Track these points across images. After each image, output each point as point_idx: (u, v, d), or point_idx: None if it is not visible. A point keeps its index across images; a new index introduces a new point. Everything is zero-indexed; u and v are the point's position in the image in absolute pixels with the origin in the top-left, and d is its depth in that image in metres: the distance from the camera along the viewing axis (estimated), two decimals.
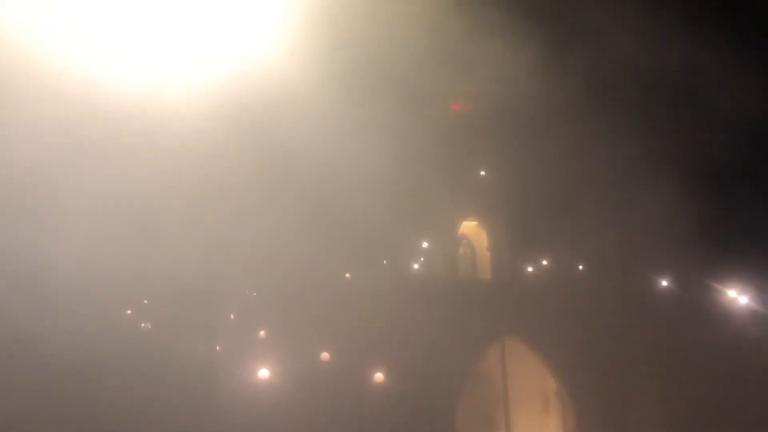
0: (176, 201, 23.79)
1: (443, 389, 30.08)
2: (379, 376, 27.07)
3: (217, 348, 25.43)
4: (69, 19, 19.95)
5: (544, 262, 33.15)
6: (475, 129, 34.05)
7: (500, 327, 32.22)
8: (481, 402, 32.83)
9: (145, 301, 25.01)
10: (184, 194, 24.43)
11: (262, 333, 26.57)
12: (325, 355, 26.46)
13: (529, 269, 33.19)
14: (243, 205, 25.58)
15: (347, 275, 30.32)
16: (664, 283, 32.74)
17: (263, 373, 23.99)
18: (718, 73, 32.55)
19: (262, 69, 22.89)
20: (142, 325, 25.46)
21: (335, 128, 27.67)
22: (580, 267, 32.99)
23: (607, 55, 32.01)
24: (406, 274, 31.48)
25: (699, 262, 32.09)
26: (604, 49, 31.98)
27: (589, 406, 31.69)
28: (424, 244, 32.31)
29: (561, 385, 32.26)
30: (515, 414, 32.35)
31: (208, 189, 25.10)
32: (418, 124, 32.00)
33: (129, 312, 25.32)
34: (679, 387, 31.20)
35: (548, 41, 29.44)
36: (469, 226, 34.39)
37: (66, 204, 21.47)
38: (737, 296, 30.16)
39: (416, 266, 31.87)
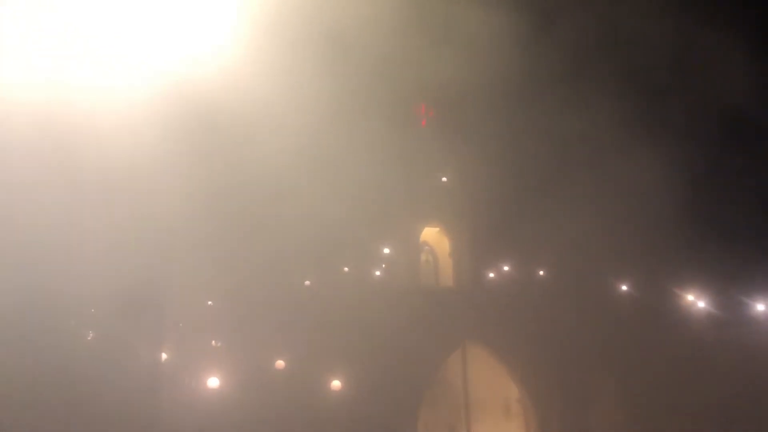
0: (121, 209, 23.08)
1: (404, 398, 29.70)
2: (337, 385, 26.52)
3: (167, 357, 24.62)
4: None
5: (506, 268, 32.90)
6: (436, 134, 33.74)
7: (462, 334, 31.99)
8: (443, 410, 32.54)
9: (92, 310, 24.17)
10: (130, 201, 23.76)
11: (215, 342, 25.91)
12: (280, 364, 25.84)
13: (491, 275, 32.93)
14: (194, 209, 24.85)
15: (306, 282, 29.78)
16: (627, 287, 32.67)
17: (215, 382, 23.24)
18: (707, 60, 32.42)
19: (212, 70, 22.32)
20: (89, 335, 24.59)
21: (293, 131, 27.22)
22: (542, 272, 32.79)
23: (575, 49, 31.98)
24: (366, 281, 30.98)
25: (661, 264, 32.14)
26: (573, 45, 31.95)
27: (551, 413, 31.53)
28: (386, 251, 31.88)
29: (523, 392, 32.06)
30: (477, 421, 32.12)
31: (154, 195, 24.37)
32: (379, 128, 31.66)
33: (73, 322, 24.44)
34: (642, 393, 31.24)
35: (513, 39, 29.11)
36: (430, 232, 34.07)
37: None
38: (698, 300, 30.32)
39: (377, 273, 31.40)
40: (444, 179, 33.99)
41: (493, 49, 29.12)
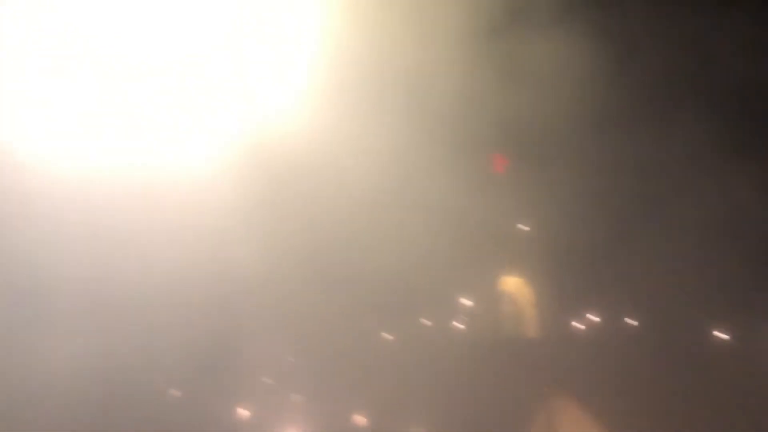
0: (201, 270, 23.21)
1: None
2: None
3: (247, 413, 24.36)
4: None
5: (594, 317, 31.42)
6: (514, 179, 32.93)
7: (548, 388, 30.53)
8: None
9: (174, 367, 24.25)
10: (211, 262, 23.92)
11: (295, 397, 25.53)
12: (361, 420, 25.15)
13: (578, 325, 31.49)
14: (270, 266, 24.85)
15: (383, 335, 29.17)
16: (729, 334, 30.60)
17: None
18: None
19: (285, 129, 22.50)
20: (171, 391, 24.63)
21: (368, 183, 27.02)
22: (633, 321, 31.12)
23: (661, 77, 30.80)
24: (447, 334, 30.15)
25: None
26: (658, 73, 30.81)
27: None
28: (464, 302, 31.02)
29: None
30: None
31: (233, 253, 24.50)
32: (455, 176, 31.18)
33: (154, 376, 24.56)
34: None
35: (594, 72, 28.15)
36: (511, 282, 33.00)
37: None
38: None
39: (456, 325, 30.52)
40: (523, 226, 32.99)
41: (572, 84, 28.37)
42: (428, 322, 29.96)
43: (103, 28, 19.92)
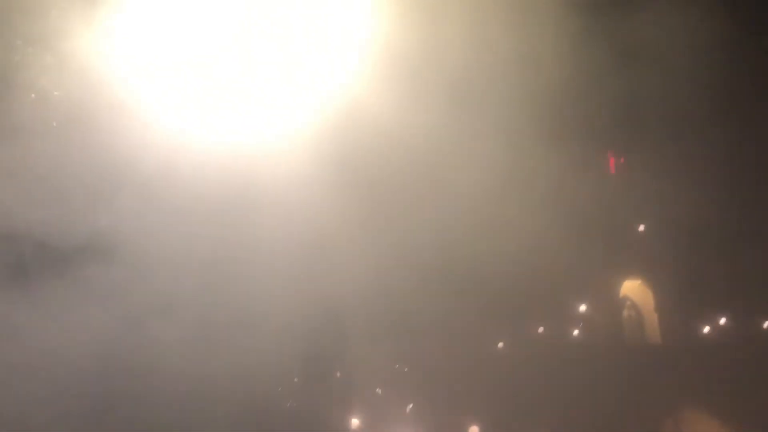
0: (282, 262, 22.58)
1: None
2: None
3: (358, 424, 23.70)
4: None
5: (721, 321, 29.28)
6: (629, 177, 31.25)
7: (675, 397, 28.51)
8: None
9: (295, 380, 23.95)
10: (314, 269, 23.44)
11: (410, 407, 24.74)
12: (475, 430, 24.04)
13: (704, 330, 29.41)
14: (377, 274, 24.19)
15: (500, 344, 28.01)
16: None
17: None
18: None
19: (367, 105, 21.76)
20: (286, 402, 24.25)
21: (477, 181, 26.05)
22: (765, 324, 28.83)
23: None
24: (565, 342, 28.73)
25: None
26: None
27: None
28: (583, 308, 29.46)
29: None
30: None
31: (341, 259, 23.98)
32: (569, 176, 29.82)
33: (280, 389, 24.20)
34: None
35: (714, 51, 26.19)
36: (632, 286, 31.24)
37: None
38: None
39: (576, 332, 29.02)
40: (642, 227, 31.15)
41: (690, 67, 26.53)
42: (546, 329, 28.58)
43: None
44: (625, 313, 30.79)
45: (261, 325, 22.24)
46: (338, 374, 23.66)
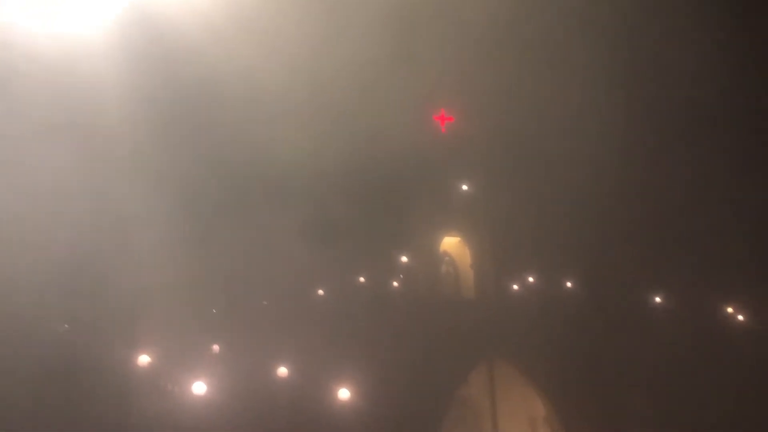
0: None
1: (423, 417, 27.85)
2: (349, 402, 24.60)
3: (158, 360, 22.69)
4: None
5: (531, 279, 31.21)
6: (457, 139, 32.32)
7: (485, 348, 30.18)
8: (466, 429, 30.66)
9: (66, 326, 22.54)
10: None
11: (216, 347, 24.19)
12: (284, 373, 23.81)
13: (515, 287, 31.22)
14: (200, 209, 23.53)
15: (319, 292, 28.26)
16: (664, 298, 30.74)
17: (204, 388, 21.38)
18: None
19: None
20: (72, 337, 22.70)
21: (305, 132, 26.09)
22: (569, 283, 31.04)
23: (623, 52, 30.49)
24: (383, 292, 29.41)
25: (699, 271, 30.31)
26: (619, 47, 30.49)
27: None
28: (404, 261, 30.32)
29: (550, 410, 30.09)
30: None
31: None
32: (396, 132, 30.39)
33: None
34: (679, 411, 29.20)
35: (543, 25, 27.49)
36: (451, 242, 32.50)
37: None
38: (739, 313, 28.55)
39: (395, 284, 29.82)
40: (465, 187, 32.43)
41: (518, 38, 27.78)
42: (365, 280, 29.14)
43: None
44: (444, 268, 32.07)
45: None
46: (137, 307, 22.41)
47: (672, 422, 28.95)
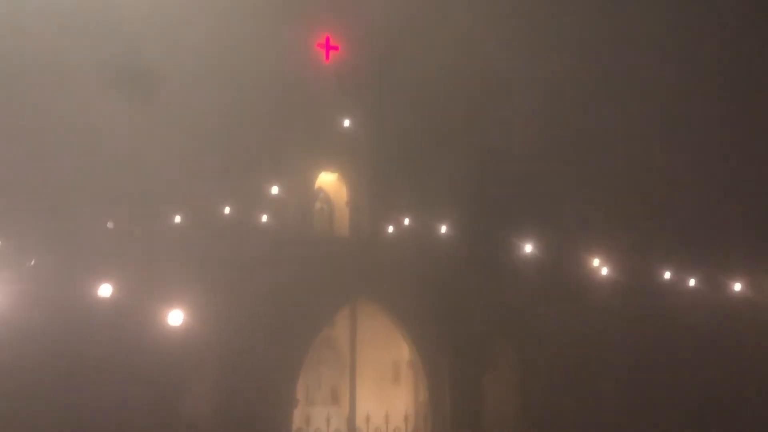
0: None
1: (284, 354, 26.94)
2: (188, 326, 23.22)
3: None
4: None
5: (407, 222, 30.37)
6: (339, 73, 30.92)
7: (353, 289, 29.32)
8: (326, 370, 30.05)
9: None
10: None
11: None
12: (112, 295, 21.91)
13: (390, 228, 30.37)
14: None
15: (177, 218, 26.72)
16: (533, 249, 30.44)
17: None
18: None
19: None
20: None
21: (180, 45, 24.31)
22: (444, 228, 30.38)
23: None
24: (250, 224, 28.04)
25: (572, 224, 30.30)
26: None
27: (443, 380, 29.30)
28: (274, 193, 28.94)
29: (414, 355, 29.71)
30: (362, 384, 29.64)
31: None
32: (274, 59, 28.83)
33: None
34: (539, 361, 29.40)
35: None
36: (327, 179, 31.30)
37: None
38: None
39: (263, 217, 28.46)
40: (347, 123, 31.13)
41: None
42: (230, 212, 27.71)
43: None
44: (318, 204, 30.90)
45: None
46: None
47: (533, 368, 29.34)
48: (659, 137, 32.95)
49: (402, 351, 30.47)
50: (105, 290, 19.83)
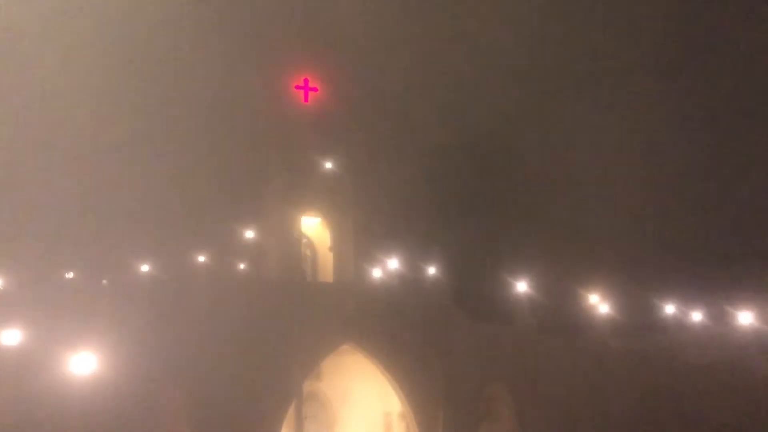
0: None
1: (270, 404, 25.40)
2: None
3: None
4: None
5: (391, 264, 29.32)
6: (320, 112, 30.14)
7: (340, 334, 27.87)
8: (313, 423, 28.52)
9: None
10: None
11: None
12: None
13: (374, 272, 29.29)
14: None
15: (149, 269, 25.59)
16: (522, 289, 29.46)
17: None
18: None
19: None
20: None
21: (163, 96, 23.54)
22: (430, 270, 29.35)
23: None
24: (231, 272, 26.90)
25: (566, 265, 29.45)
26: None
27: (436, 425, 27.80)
28: (256, 240, 27.86)
29: (405, 407, 28.18)
30: None
31: None
32: (256, 102, 28.14)
33: None
34: (536, 410, 28.06)
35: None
36: (309, 224, 30.24)
37: None
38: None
39: (242, 265, 27.33)
40: (328, 165, 30.19)
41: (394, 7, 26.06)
42: (207, 259, 26.67)
43: None
44: (301, 250, 29.72)
45: None
46: None
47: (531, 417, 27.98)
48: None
49: (392, 402, 28.95)
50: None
